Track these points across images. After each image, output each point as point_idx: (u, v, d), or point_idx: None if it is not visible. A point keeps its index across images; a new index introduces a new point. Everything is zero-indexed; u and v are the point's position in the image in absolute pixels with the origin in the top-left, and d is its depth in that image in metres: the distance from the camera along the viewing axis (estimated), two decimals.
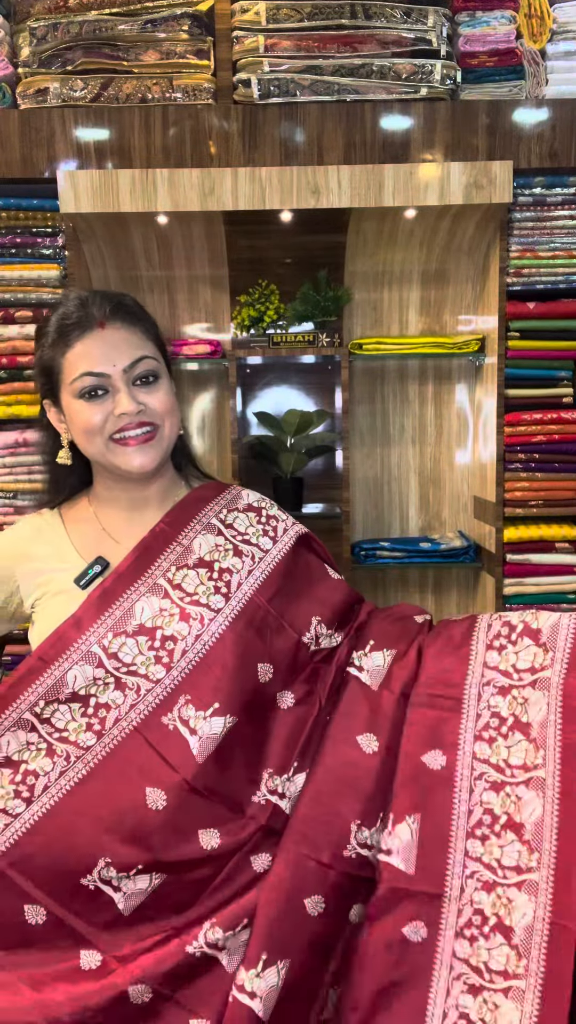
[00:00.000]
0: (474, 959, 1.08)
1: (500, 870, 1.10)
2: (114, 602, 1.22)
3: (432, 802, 1.17)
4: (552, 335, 2.60)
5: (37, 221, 2.53)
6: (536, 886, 1.07)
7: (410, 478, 3.04)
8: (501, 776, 1.16)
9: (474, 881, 1.12)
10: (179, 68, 2.52)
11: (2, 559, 1.33)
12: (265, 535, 1.33)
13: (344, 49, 2.51)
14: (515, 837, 1.11)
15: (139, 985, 1.07)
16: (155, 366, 1.27)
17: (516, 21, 2.54)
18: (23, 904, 1.10)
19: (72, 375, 1.23)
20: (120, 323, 1.24)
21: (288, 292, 2.78)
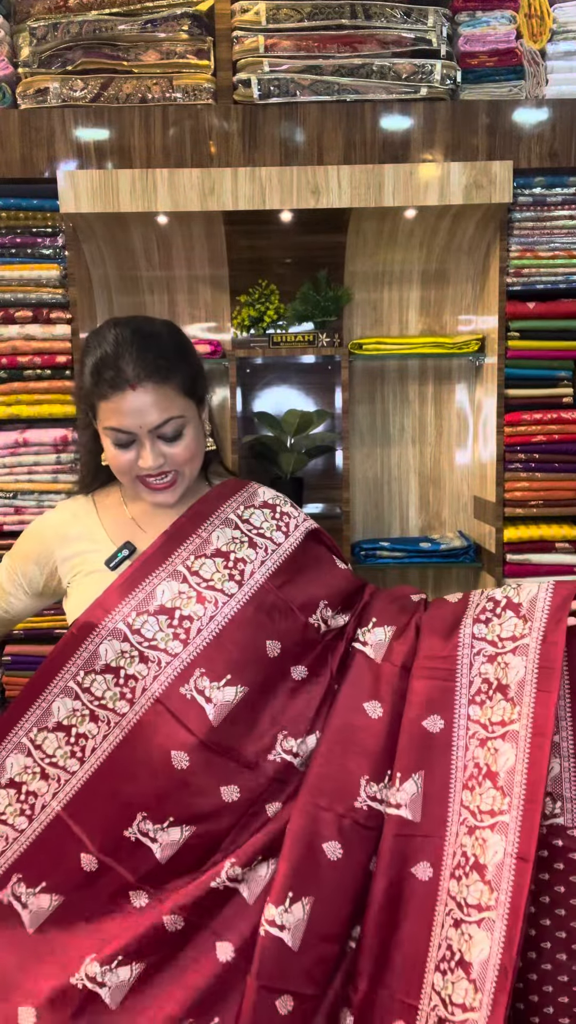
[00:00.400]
0: (459, 895, 1.23)
1: (479, 815, 1.25)
2: (138, 585, 1.35)
3: (434, 760, 1.32)
4: (552, 335, 2.60)
5: (37, 221, 2.53)
6: (506, 827, 1.21)
7: (410, 478, 3.04)
8: (486, 732, 1.30)
9: (464, 826, 1.27)
10: (179, 68, 2.52)
11: (44, 542, 1.46)
12: (278, 530, 1.46)
13: (344, 49, 2.51)
14: (491, 784, 1.26)
15: (172, 915, 1.24)
16: (181, 423, 1.35)
17: (516, 21, 2.54)
18: (80, 852, 1.29)
19: (104, 422, 1.34)
20: (152, 384, 1.30)
21: (288, 292, 2.78)
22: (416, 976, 1.23)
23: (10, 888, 1.29)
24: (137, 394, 1.30)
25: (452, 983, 1.18)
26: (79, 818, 1.30)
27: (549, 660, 1.28)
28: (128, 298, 2.90)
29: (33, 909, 1.28)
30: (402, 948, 1.25)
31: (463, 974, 1.18)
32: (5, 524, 2.61)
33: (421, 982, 1.23)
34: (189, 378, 1.38)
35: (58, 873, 1.29)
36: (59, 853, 1.30)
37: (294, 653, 1.40)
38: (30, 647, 2.67)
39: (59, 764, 1.33)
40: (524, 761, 1.23)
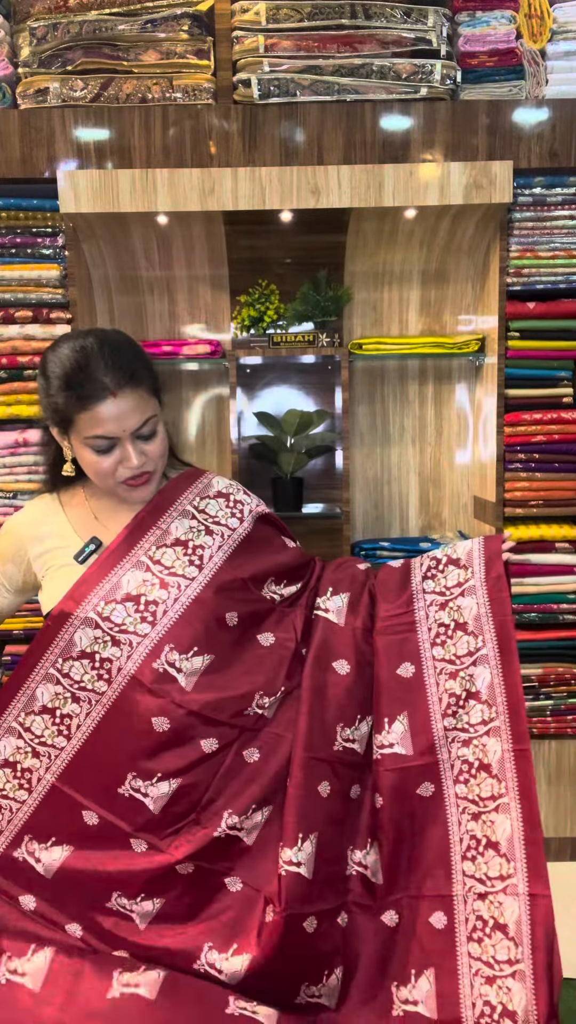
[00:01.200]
0: (471, 794, 1.46)
1: (471, 728, 1.49)
2: (105, 576, 1.48)
3: (413, 700, 1.53)
4: (552, 335, 2.60)
5: (37, 221, 2.53)
6: (499, 730, 1.46)
7: (410, 478, 3.04)
8: (454, 666, 1.53)
9: (455, 743, 1.50)
10: (179, 68, 2.52)
11: (17, 541, 1.56)
12: (233, 516, 1.58)
13: (344, 49, 2.51)
14: (476, 702, 1.50)
15: (184, 863, 1.42)
16: (155, 421, 1.46)
17: (516, 21, 2.54)
18: (80, 810, 1.44)
19: (86, 432, 1.42)
20: (129, 389, 1.40)
21: (288, 292, 2.78)
22: (444, 871, 1.45)
23: (23, 846, 1.45)
24: (118, 400, 1.39)
25: (486, 863, 1.41)
26: (74, 784, 1.45)
27: (498, 592, 1.54)
28: (128, 298, 2.90)
29: (46, 862, 1.44)
30: (425, 854, 1.46)
31: (493, 853, 1.41)
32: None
33: (450, 873, 1.44)
34: (153, 379, 1.48)
35: (64, 828, 1.44)
36: (62, 813, 1.45)
37: (253, 621, 1.56)
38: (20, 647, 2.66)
39: (48, 742, 1.47)
40: (499, 675, 1.49)
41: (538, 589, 2.66)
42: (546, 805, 2.74)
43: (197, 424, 2.97)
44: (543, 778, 2.73)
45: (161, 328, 2.93)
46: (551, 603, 2.67)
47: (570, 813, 2.75)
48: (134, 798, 1.44)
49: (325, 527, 2.78)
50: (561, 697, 2.71)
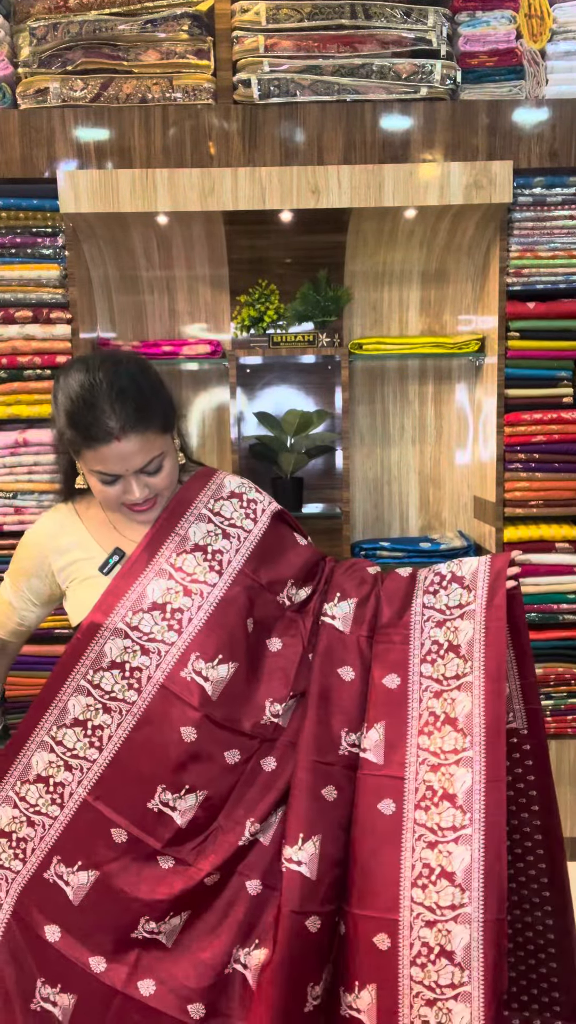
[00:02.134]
0: (430, 822, 1.44)
1: (442, 754, 1.46)
2: (130, 587, 1.50)
3: (392, 712, 1.54)
4: (552, 335, 2.60)
5: (37, 221, 2.53)
6: (471, 760, 1.43)
7: (410, 478, 3.04)
8: (440, 686, 1.52)
9: (424, 765, 1.48)
10: (179, 68, 2.52)
11: (39, 554, 1.58)
12: (247, 517, 1.60)
13: (344, 49, 2.51)
14: (451, 728, 1.48)
15: (210, 876, 1.44)
16: (162, 459, 1.46)
17: (516, 21, 2.54)
18: (109, 828, 1.45)
19: (89, 465, 1.44)
20: (135, 434, 1.38)
21: (288, 292, 2.78)
22: (392, 894, 1.43)
23: (52, 868, 1.46)
24: (122, 444, 1.38)
25: (437, 892, 1.39)
26: (105, 799, 1.46)
27: (494, 620, 1.51)
28: (128, 298, 2.90)
29: (74, 885, 1.44)
30: (376, 873, 1.45)
31: (447, 883, 1.39)
32: (5, 524, 2.61)
33: (398, 899, 1.43)
34: (164, 416, 1.46)
35: (91, 851, 1.45)
36: (90, 832, 1.46)
37: (266, 626, 1.58)
38: (31, 647, 2.66)
39: (80, 755, 1.48)
40: (480, 705, 1.46)
41: (538, 589, 2.66)
42: None
43: (197, 424, 2.97)
44: None
45: (161, 328, 2.93)
46: (551, 603, 2.67)
47: (570, 813, 2.75)
48: (163, 812, 1.45)
49: (325, 527, 2.78)
50: (561, 697, 2.71)
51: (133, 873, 1.44)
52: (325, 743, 1.53)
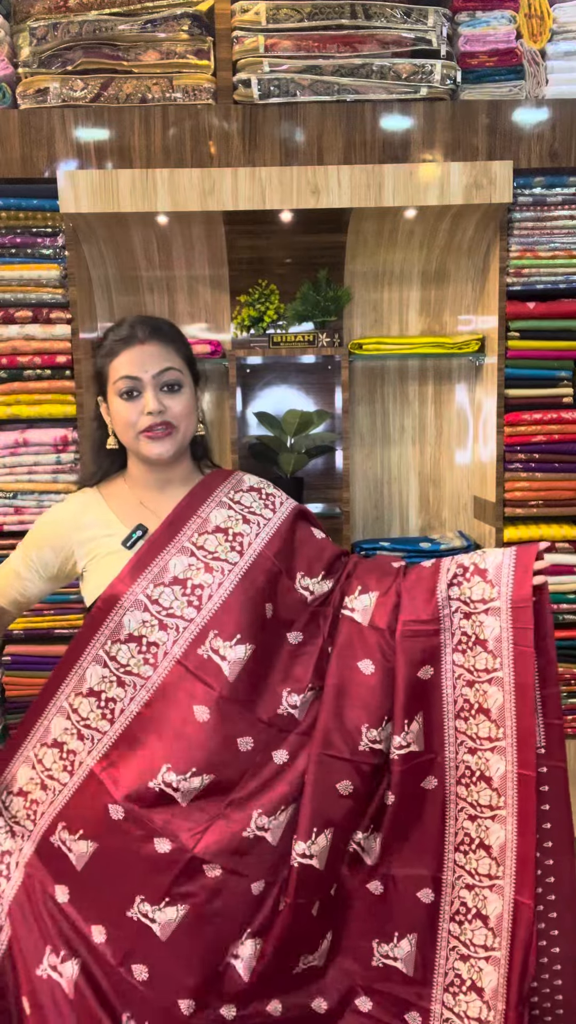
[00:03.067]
0: (470, 798, 1.51)
1: (478, 740, 1.52)
2: (152, 561, 1.54)
3: (429, 700, 1.57)
4: (552, 335, 2.60)
5: (37, 221, 2.53)
6: (504, 750, 1.48)
7: (410, 478, 3.04)
8: (471, 676, 1.55)
9: (463, 747, 1.54)
10: (179, 68, 2.52)
11: (60, 529, 1.63)
12: (267, 507, 1.65)
13: (344, 49, 2.51)
14: (485, 719, 1.52)
15: (210, 863, 1.44)
16: (179, 376, 1.55)
17: (516, 21, 2.54)
18: (108, 803, 1.46)
19: (115, 377, 1.55)
20: (156, 341, 1.55)
21: (288, 292, 2.78)
22: (437, 853, 1.52)
23: (57, 833, 1.49)
24: (144, 347, 1.53)
25: (476, 860, 1.48)
26: (109, 772, 1.48)
27: (522, 621, 1.52)
28: (128, 298, 2.90)
29: (76, 853, 1.47)
30: (421, 837, 1.53)
31: (484, 854, 1.48)
32: (5, 524, 2.61)
33: (442, 858, 1.52)
34: (186, 347, 1.61)
35: (91, 822, 1.47)
36: (92, 804, 1.48)
37: (286, 617, 1.60)
38: (30, 647, 2.67)
39: (92, 725, 1.51)
40: (511, 702, 1.49)
41: None
42: None
43: None
44: None
45: None
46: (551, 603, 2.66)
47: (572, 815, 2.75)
48: (164, 792, 1.46)
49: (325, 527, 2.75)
50: (561, 697, 2.71)
51: (131, 852, 1.45)
52: (339, 736, 1.54)
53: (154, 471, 1.62)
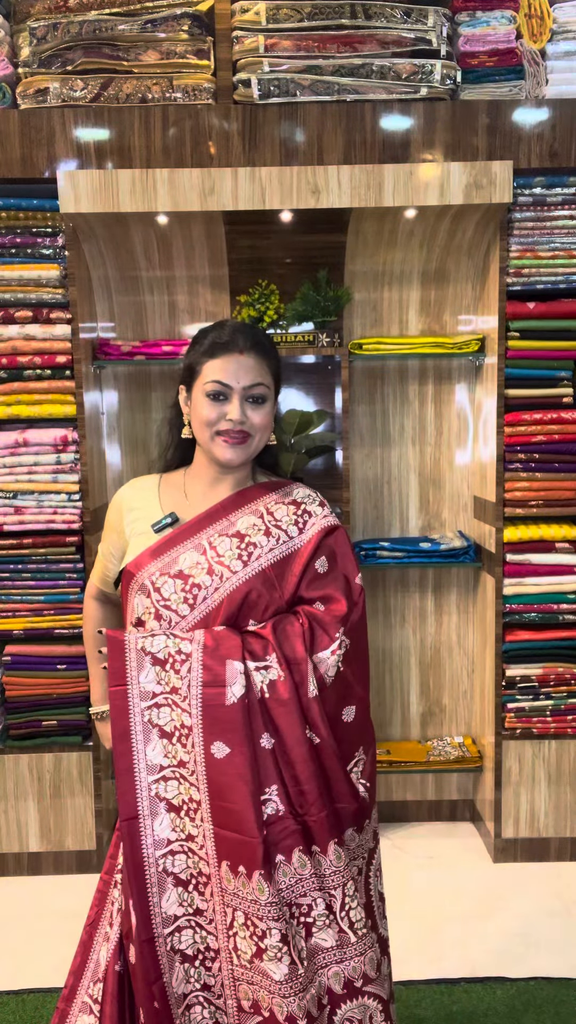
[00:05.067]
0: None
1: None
2: (168, 550, 1.56)
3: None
4: (552, 335, 2.60)
5: (37, 221, 2.53)
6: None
7: (410, 478, 3.04)
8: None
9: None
10: (179, 68, 2.52)
11: (118, 509, 1.68)
12: (295, 525, 1.61)
13: (344, 49, 2.51)
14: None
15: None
16: (265, 391, 1.59)
17: (516, 21, 2.54)
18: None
19: (207, 378, 1.56)
20: (254, 355, 1.58)
21: (288, 292, 2.78)
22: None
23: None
24: (243, 358, 1.56)
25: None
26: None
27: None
28: (128, 298, 2.90)
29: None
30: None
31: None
32: (5, 524, 2.61)
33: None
34: (277, 365, 1.64)
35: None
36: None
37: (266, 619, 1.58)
38: (30, 647, 2.67)
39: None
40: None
41: (538, 589, 2.66)
42: (546, 805, 2.74)
43: None
44: (543, 778, 2.73)
45: (161, 328, 2.93)
46: (551, 603, 2.67)
47: (570, 813, 2.75)
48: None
49: None
50: (561, 697, 2.71)
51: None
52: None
53: (214, 469, 1.64)
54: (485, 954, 2.30)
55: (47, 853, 2.74)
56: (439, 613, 3.03)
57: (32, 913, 2.55)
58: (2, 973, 2.27)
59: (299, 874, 1.38)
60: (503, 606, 2.67)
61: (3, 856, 2.75)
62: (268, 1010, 1.35)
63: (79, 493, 2.60)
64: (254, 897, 1.34)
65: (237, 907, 1.36)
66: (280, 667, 1.44)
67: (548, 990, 2.15)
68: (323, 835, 1.41)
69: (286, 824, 1.39)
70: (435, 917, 2.46)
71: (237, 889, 1.36)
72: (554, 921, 2.45)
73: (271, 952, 1.34)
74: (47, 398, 2.58)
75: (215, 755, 1.38)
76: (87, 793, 2.70)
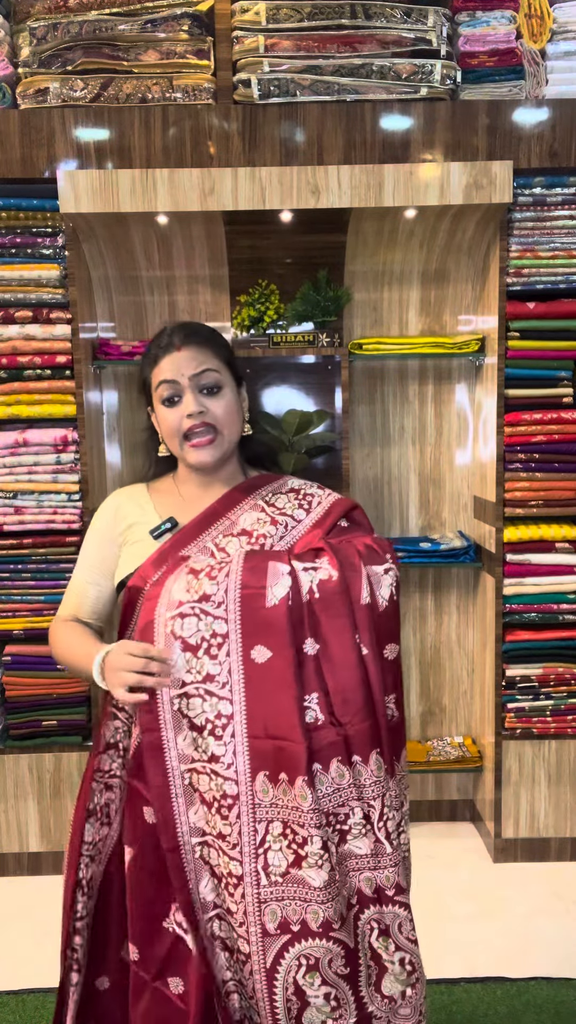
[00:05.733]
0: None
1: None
2: (171, 558, 1.51)
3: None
4: (552, 335, 2.60)
5: (37, 221, 2.53)
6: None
7: (410, 478, 3.04)
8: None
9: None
10: (179, 68, 2.52)
11: (110, 521, 1.64)
12: (300, 508, 1.60)
13: (344, 49, 2.51)
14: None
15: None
16: (217, 377, 1.56)
17: (516, 21, 2.54)
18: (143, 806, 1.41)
19: (156, 384, 1.57)
20: (192, 345, 1.56)
21: (288, 292, 2.78)
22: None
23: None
24: (181, 353, 1.54)
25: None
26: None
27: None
28: (128, 298, 2.90)
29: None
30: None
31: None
32: (5, 524, 2.61)
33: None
34: (225, 349, 1.61)
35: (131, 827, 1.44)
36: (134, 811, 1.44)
37: None
38: (30, 647, 2.67)
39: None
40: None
41: (538, 589, 2.66)
42: (546, 805, 2.74)
43: None
44: (543, 778, 2.73)
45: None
46: (551, 603, 2.67)
47: (570, 813, 2.75)
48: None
49: None
50: (561, 697, 2.71)
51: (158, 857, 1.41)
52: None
53: (199, 474, 1.62)
54: (485, 954, 2.30)
55: (47, 853, 2.74)
56: (439, 613, 3.04)
57: (32, 913, 2.55)
58: (2, 973, 2.27)
59: (337, 784, 1.33)
60: (503, 606, 2.67)
61: (3, 856, 2.75)
62: (299, 922, 1.32)
63: (79, 493, 2.60)
64: (296, 804, 1.30)
65: (273, 818, 1.32)
66: (332, 568, 1.38)
67: (548, 990, 2.15)
68: (365, 745, 1.35)
69: (326, 733, 1.33)
70: (435, 917, 2.46)
71: (276, 799, 1.32)
72: (554, 921, 2.45)
73: (312, 859, 1.30)
74: (47, 398, 2.58)
75: (255, 660, 1.33)
76: None
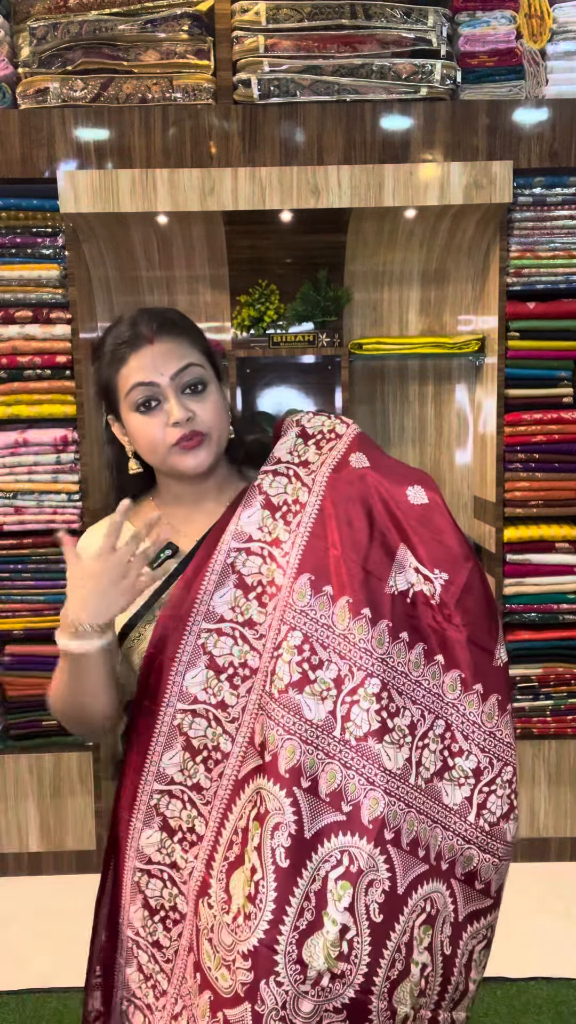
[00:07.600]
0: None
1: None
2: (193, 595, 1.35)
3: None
4: (552, 335, 2.60)
5: (37, 221, 2.53)
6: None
7: None
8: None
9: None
10: (179, 68, 2.52)
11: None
12: (303, 487, 1.44)
13: (344, 49, 2.51)
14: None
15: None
16: (201, 373, 1.33)
17: (516, 21, 2.54)
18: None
19: (126, 388, 1.31)
20: (167, 336, 1.31)
21: (288, 292, 2.78)
22: None
23: None
24: (155, 347, 1.29)
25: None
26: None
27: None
28: (128, 298, 2.90)
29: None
30: None
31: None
32: (5, 524, 2.61)
33: None
34: (202, 338, 1.38)
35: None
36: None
37: None
38: (30, 647, 2.67)
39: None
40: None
41: (538, 589, 2.66)
42: (546, 805, 2.74)
43: None
44: (543, 778, 2.73)
45: None
46: (551, 603, 2.67)
47: (570, 813, 2.75)
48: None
49: None
50: (561, 697, 2.71)
51: None
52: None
53: (188, 484, 1.40)
54: None
55: (47, 853, 2.75)
56: None
57: (32, 913, 2.55)
58: (2, 973, 2.27)
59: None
60: (503, 606, 2.67)
61: (3, 856, 2.75)
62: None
63: (79, 493, 2.60)
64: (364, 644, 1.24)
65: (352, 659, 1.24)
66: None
67: (548, 990, 2.15)
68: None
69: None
70: None
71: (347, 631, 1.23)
72: (554, 921, 2.45)
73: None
74: (47, 398, 2.58)
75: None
76: (87, 793, 2.70)
